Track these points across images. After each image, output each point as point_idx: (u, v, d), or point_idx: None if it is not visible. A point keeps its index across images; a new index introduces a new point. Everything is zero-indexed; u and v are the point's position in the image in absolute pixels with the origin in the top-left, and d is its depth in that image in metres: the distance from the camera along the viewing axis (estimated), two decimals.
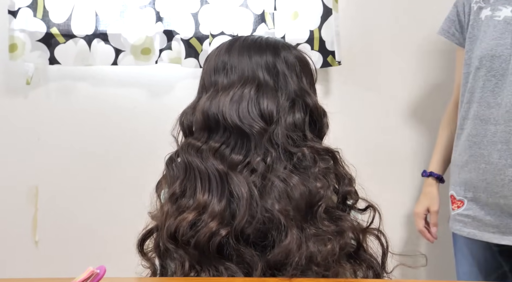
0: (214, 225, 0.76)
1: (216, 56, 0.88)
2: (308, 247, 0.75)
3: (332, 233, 0.77)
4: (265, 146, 0.80)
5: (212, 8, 1.49)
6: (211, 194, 0.79)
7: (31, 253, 1.55)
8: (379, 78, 1.59)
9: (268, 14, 1.49)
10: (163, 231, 0.82)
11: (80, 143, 1.55)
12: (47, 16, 1.47)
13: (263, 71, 0.84)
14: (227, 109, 0.81)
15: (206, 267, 0.78)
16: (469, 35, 1.25)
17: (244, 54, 0.86)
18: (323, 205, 0.78)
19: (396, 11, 1.59)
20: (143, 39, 1.47)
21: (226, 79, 0.85)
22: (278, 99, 0.83)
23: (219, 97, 0.83)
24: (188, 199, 0.81)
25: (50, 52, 1.47)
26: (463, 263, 1.29)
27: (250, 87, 0.82)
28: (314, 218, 0.78)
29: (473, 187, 1.21)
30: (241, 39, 0.89)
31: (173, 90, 1.56)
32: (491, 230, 1.19)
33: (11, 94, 1.55)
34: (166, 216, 0.82)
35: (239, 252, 0.77)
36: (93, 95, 1.56)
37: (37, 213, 1.55)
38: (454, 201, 1.27)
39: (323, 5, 1.50)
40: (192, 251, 0.78)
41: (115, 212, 1.56)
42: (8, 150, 1.55)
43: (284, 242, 0.76)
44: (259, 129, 0.80)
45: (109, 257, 1.54)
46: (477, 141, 1.19)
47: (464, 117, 1.24)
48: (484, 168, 1.18)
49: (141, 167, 1.56)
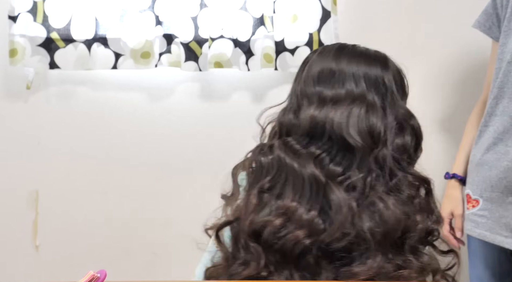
0: (301, 234, 0.75)
1: (320, 62, 0.86)
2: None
3: (416, 270, 0.76)
4: (369, 164, 0.78)
5: (211, 12, 1.49)
6: (301, 200, 0.78)
7: (32, 257, 1.55)
8: None
9: (267, 17, 1.49)
10: (245, 223, 0.79)
11: (80, 147, 1.56)
12: (47, 21, 1.47)
13: (371, 88, 0.82)
14: (336, 119, 0.80)
15: (281, 270, 0.77)
16: (504, 29, 1.20)
17: (352, 63, 0.84)
18: (416, 237, 0.77)
19: (395, 14, 1.59)
20: (142, 43, 1.47)
21: (332, 91, 0.82)
22: (387, 119, 0.82)
23: (327, 109, 0.81)
24: (274, 198, 0.80)
25: (50, 57, 1.47)
26: (477, 266, 1.24)
27: (359, 106, 0.81)
28: (401, 247, 0.77)
29: (491, 186, 1.17)
30: (349, 47, 0.87)
31: (173, 93, 1.57)
32: (505, 233, 1.14)
33: (11, 99, 1.55)
34: (249, 208, 0.80)
35: (319, 264, 0.76)
36: (93, 99, 1.56)
37: (37, 217, 1.55)
38: (470, 200, 1.23)
39: (322, 8, 1.50)
40: (274, 254, 0.77)
41: (116, 215, 1.56)
42: (8, 154, 1.55)
43: (366, 264, 0.74)
44: (367, 146, 0.78)
45: (109, 261, 1.54)
46: (504, 138, 1.15)
47: (491, 114, 1.19)
48: (506, 165, 1.14)
49: (142, 171, 1.56)
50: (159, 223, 1.54)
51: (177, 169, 1.57)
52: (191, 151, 1.57)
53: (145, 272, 1.56)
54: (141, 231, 1.56)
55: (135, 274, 1.54)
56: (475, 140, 1.25)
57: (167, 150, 1.57)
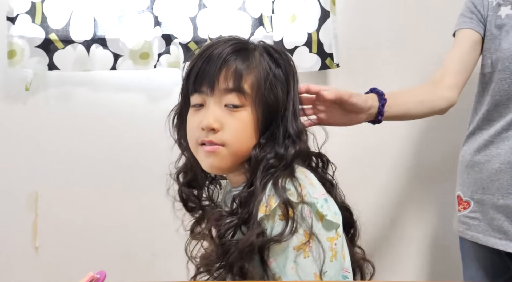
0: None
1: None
2: None
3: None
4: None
5: (210, 12, 1.49)
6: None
7: (32, 259, 1.55)
8: (377, 80, 1.59)
9: (266, 18, 1.49)
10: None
11: (79, 148, 1.55)
12: (46, 22, 1.47)
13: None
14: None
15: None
16: (487, 33, 1.21)
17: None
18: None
19: (394, 13, 1.59)
20: (141, 44, 1.47)
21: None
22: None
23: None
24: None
25: (49, 58, 1.47)
26: (470, 267, 1.25)
27: None
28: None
29: (482, 188, 1.18)
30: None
31: (172, 94, 1.57)
32: (498, 235, 1.15)
33: (10, 101, 1.55)
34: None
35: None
36: (92, 101, 1.56)
37: (37, 219, 1.55)
38: (461, 202, 1.24)
39: (321, 8, 1.50)
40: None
41: (115, 217, 1.56)
42: (7, 156, 1.54)
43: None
44: None
45: (109, 262, 1.54)
46: (495, 140, 1.16)
47: (485, 118, 1.20)
48: (498, 167, 1.15)
49: (141, 172, 1.56)
50: (158, 224, 1.54)
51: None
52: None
53: (144, 273, 1.56)
54: (141, 232, 1.56)
55: (134, 275, 1.54)
56: (465, 141, 1.26)
57: (166, 151, 1.57)
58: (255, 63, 0.84)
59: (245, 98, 0.83)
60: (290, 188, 0.78)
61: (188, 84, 0.86)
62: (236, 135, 0.82)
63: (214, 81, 0.82)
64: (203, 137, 0.83)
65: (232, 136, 0.82)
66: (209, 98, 0.83)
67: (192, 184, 0.94)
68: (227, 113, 0.82)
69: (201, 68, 0.84)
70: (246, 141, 0.83)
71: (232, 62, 0.83)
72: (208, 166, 0.85)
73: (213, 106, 0.83)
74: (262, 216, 0.77)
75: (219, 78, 0.82)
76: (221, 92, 0.83)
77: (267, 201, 0.78)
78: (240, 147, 0.83)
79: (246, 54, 0.85)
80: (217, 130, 0.82)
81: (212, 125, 0.81)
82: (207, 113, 0.83)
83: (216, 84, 0.82)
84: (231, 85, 0.82)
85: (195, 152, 0.87)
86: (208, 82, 0.83)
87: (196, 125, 0.84)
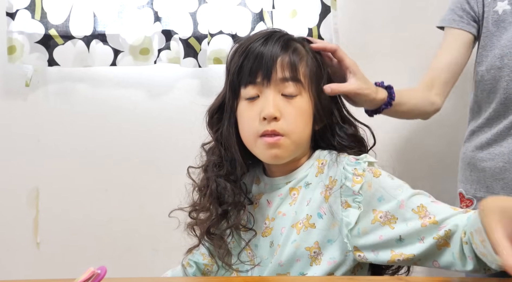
0: None
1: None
2: None
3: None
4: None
5: (210, 7, 1.48)
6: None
7: (33, 255, 1.55)
8: (377, 76, 1.58)
9: (266, 13, 1.49)
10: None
11: (80, 144, 1.55)
12: (45, 18, 1.46)
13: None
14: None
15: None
16: (483, 30, 1.18)
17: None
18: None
19: (395, 9, 1.59)
20: (141, 40, 1.47)
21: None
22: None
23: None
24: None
25: (49, 54, 1.46)
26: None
27: None
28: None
29: (486, 187, 1.17)
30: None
31: (172, 90, 1.57)
32: None
33: (10, 97, 1.54)
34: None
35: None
36: (93, 96, 1.56)
37: (38, 215, 1.55)
38: (463, 199, 1.23)
39: (322, 3, 1.50)
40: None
41: (116, 213, 1.56)
42: (8, 152, 1.55)
43: None
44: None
45: (110, 258, 1.55)
46: (498, 139, 1.15)
47: (488, 117, 1.18)
48: (503, 166, 1.14)
49: (142, 168, 1.56)
50: (159, 219, 1.54)
51: (177, 165, 1.56)
52: (191, 147, 1.56)
53: (145, 268, 1.56)
54: (142, 228, 1.57)
55: (135, 271, 1.55)
56: (466, 137, 1.25)
57: (167, 146, 1.57)
58: (304, 53, 0.88)
59: (302, 86, 0.86)
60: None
61: (240, 77, 0.87)
62: (296, 123, 0.85)
63: (272, 71, 0.84)
64: (265, 128, 0.84)
65: (292, 125, 0.85)
66: (265, 88, 0.85)
67: (229, 177, 0.92)
68: (285, 101, 0.85)
69: (256, 60, 0.85)
70: (304, 128, 0.86)
71: (286, 53, 0.85)
72: (272, 156, 0.85)
73: (272, 95, 0.85)
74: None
75: (276, 68, 0.84)
76: (277, 82, 0.85)
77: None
78: (300, 135, 0.86)
79: (295, 44, 0.88)
80: (278, 119, 0.84)
81: (274, 114, 0.83)
82: (266, 103, 0.84)
83: (273, 74, 0.84)
84: (288, 74, 0.85)
85: (253, 144, 0.87)
86: (265, 73, 0.84)
87: (254, 116, 0.85)
